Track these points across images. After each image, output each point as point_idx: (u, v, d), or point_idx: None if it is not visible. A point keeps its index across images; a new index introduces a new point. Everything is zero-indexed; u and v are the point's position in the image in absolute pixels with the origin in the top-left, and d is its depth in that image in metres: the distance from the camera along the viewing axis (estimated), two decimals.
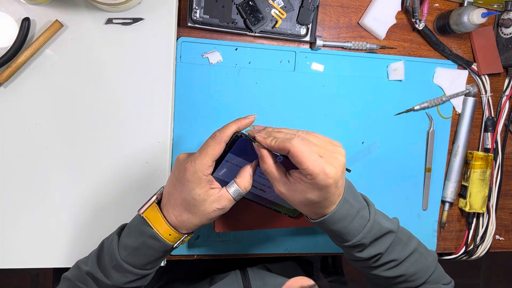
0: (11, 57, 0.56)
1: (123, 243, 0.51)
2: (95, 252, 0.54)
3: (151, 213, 0.49)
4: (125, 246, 0.51)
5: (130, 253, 0.50)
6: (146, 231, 0.49)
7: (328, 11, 0.71)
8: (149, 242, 0.49)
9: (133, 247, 0.50)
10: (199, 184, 0.46)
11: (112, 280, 0.51)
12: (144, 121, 0.63)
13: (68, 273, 0.54)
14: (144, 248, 0.50)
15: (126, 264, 0.50)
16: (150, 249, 0.50)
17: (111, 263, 0.50)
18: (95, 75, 0.61)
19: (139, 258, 0.50)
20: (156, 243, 0.49)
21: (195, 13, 0.64)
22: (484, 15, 0.67)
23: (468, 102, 0.76)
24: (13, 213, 0.61)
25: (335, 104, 0.72)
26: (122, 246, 0.51)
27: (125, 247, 0.50)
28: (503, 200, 0.81)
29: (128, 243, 0.50)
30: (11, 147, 0.60)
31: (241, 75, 0.68)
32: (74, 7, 0.59)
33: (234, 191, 0.48)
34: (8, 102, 0.59)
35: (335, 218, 0.51)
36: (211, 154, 0.46)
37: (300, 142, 0.45)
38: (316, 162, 0.44)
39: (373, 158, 0.74)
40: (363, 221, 0.54)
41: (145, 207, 0.50)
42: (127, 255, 0.50)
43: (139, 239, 0.50)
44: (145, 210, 0.50)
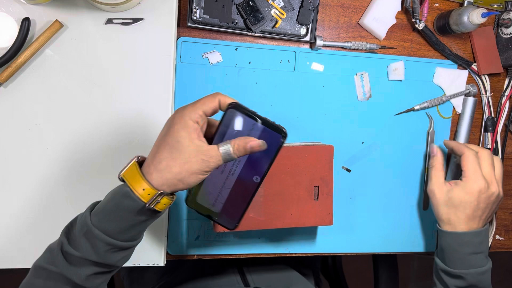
0: (11, 57, 0.56)
1: (96, 209, 0.47)
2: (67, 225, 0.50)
3: (128, 172, 0.46)
4: (97, 212, 0.47)
5: (102, 217, 0.46)
6: (120, 190, 0.46)
7: (328, 11, 0.71)
8: (122, 202, 0.45)
9: (105, 210, 0.46)
10: (185, 127, 0.44)
11: (81, 251, 0.46)
12: (144, 121, 0.63)
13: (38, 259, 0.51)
14: (117, 210, 0.46)
15: (97, 230, 0.46)
16: (123, 211, 0.45)
17: (82, 231, 0.46)
18: (95, 75, 0.61)
19: (111, 222, 0.46)
20: (130, 202, 0.45)
21: (195, 13, 0.64)
22: (484, 15, 0.67)
23: (468, 102, 0.76)
24: (13, 213, 0.61)
25: (335, 104, 0.72)
26: (94, 212, 0.47)
27: (97, 213, 0.47)
28: (503, 200, 0.81)
29: (100, 207, 0.47)
30: (11, 147, 0.60)
31: (241, 75, 0.68)
32: (74, 7, 0.59)
33: (225, 149, 0.45)
34: (8, 102, 0.59)
35: (466, 239, 0.62)
36: (202, 104, 0.45)
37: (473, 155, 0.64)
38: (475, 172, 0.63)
39: (373, 158, 0.74)
40: (482, 262, 0.63)
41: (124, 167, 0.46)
42: (99, 220, 0.46)
43: (111, 201, 0.46)
44: (125, 171, 0.46)
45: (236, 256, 0.71)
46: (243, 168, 0.49)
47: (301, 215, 0.63)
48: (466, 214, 0.62)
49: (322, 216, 0.64)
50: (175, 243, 0.68)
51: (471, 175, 0.64)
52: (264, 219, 0.62)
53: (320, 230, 0.73)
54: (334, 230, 0.73)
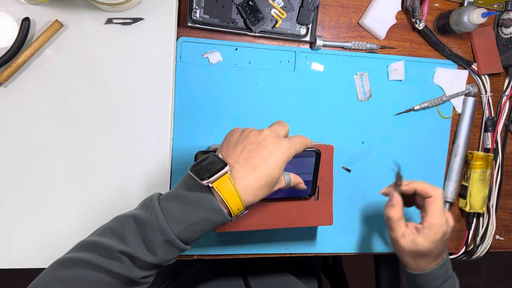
0: (11, 57, 0.56)
1: (174, 216, 0.45)
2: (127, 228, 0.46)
3: (222, 185, 0.44)
4: (177, 219, 0.45)
5: (186, 228, 0.45)
6: (209, 203, 0.44)
7: (328, 11, 0.71)
8: (210, 216, 0.44)
9: (189, 222, 0.44)
10: (281, 168, 0.48)
11: (157, 257, 0.45)
12: (144, 121, 0.63)
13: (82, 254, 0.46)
14: (203, 223, 0.45)
15: (179, 240, 0.45)
16: (209, 224, 0.45)
17: (160, 239, 0.44)
18: (95, 75, 0.61)
19: (193, 233, 0.45)
20: (219, 217, 0.45)
21: (195, 13, 0.64)
22: (484, 15, 0.67)
23: (468, 102, 0.76)
24: (13, 213, 0.61)
25: (335, 104, 0.72)
26: (173, 219, 0.45)
27: (178, 221, 0.45)
28: (503, 200, 0.81)
29: (182, 217, 0.45)
30: (11, 147, 0.60)
31: (241, 75, 0.68)
32: (74, 7, 0.59)
33: (288, 182, 0.53)
34: (8, 102, 0.59)
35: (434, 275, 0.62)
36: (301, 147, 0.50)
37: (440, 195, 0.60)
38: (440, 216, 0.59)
39: (373, 158, 0.74)
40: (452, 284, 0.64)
41: (216, 177, 0.44)
42: (181, 231, 0.45)
43: (198, 212, 0.44)
44: (217, 182, 0.44)
45: (236, 256, 0.71)
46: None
47: (301, 215, 0.63)
48: (433, 257, 0.60)
49: (322, 216, 0.64)
50: None
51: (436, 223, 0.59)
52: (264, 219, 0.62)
53: (320, 230, 0.73)
54: (334, 230, 0.73)
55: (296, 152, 0.49)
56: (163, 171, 0.64)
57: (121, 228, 0.46)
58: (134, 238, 0.45)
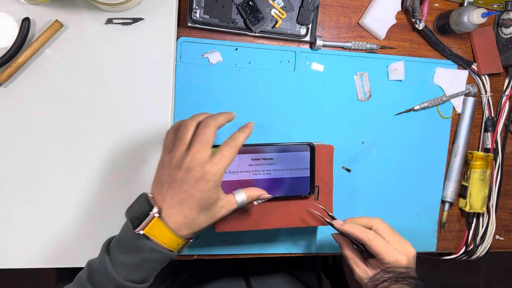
0: (11, 57, 0.56)
1: (119, 261, 0.48)
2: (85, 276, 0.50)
3: (154, 229, 0.47)
4: (122, 264, 0.48)
5: (131, 271, 0.48)
6: (146, 245, 0.47)
7: (328, 11, 0.71)
8: (150, 256, 0.47)
9: (132, 264, 0.47)
10: (216, 187, 0.48)
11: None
12: (144, 121, 0.63)
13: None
14: (146, 263, 0.48)
15: (129, 282, 0.48)
16: (152, 263, 0.48)
17: (111, 285, 0.47)
18: (95, 75, 0.61)
19: (141, 273, 0.48)
20: (159, 255, 0.48)
21: (195, 13, 0.64)
22: (484, 15, 0.67)
23: (468, 102, 0.76)
24: (13, 212, 0.61)
25: (335, 104, 0.72)
26: (118, 265, 0.48)
27: (122, 265, 0.48)
28: (503, 200, 0.81)
29: (125, 261, 0.48)
30: (11, 147, 0.60)
31: (241, 75, 0.68)
32: (74, 7, 0.59)
33: (241, 201, 0.52)
34: (8, 102, 0.59)
35: None
36: (229, 161, 0.48)
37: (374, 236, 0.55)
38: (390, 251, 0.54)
39: (373, 158, 0.74)
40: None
41: (144, 224, 0.47)
42: (127, 274, 0.48)
43: (138, 255, 0.47)
44: (145, 227, 0.47)
45: (236, 256, 0.71)
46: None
47: (301, 215, 0.63)
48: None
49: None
50: None
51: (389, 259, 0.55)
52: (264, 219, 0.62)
53: (320, 230, 0.73)
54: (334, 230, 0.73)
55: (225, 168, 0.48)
56: None
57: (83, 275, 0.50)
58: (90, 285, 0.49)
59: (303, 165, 0.60)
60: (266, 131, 0.69)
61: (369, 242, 0.55)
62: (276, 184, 0.59)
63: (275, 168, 0.58)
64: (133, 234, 0.47)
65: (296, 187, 0.60)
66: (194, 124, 0.49)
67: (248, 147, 0.57)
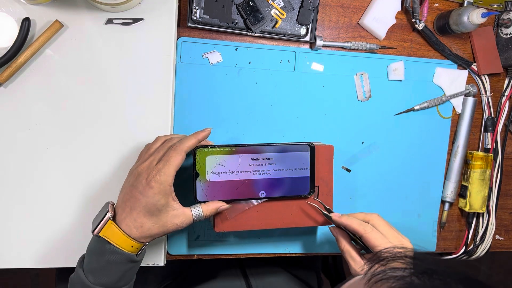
0: (11, 57, 0.56)
1: (88, 267, 0.52)
2: (69, 285, 0.54)
3: (108, 231, 0.51)
4: (90, 270, 0.51)
5: (99, 275, 0.51)
6: (106, 248, 0.50)
7: (328, 11, 0.71)
8: (112, 258, 0.51)
9: (98, 268, 0.51)
10: (162, 192, 0.50)
11: None
12: (144, 121, 0.63)
13: None
14: (109, 265, 0.51)
15: (98, 286, 0.51)
16: (115, 264, 0.51)
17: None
18: (95, 75, 0.61)
19: (108, 276, 0.51)
20: (119, 256, 0.51)
21: (195, 13, 0.64)
22: (484, 15, 0.67)
23: (468, 102, 0.76)
24: (13, 212, 0.61)
25: (335, 104, 0.72)
26: (88, 271, 0.52)
27: (91, 271, 0.51)
28: (503, 200, 0.81)
29: (92, 266, 0.51)
30: (11, 147, 0.60)
31: (241, 75, 0.68)
32: (74, 7, 0.59)
33: (197, 215, 0.54)
34: (8, 102, 0.59)
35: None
36: (173, 164, 0.50)
37: (371, 229, 0.55)
38: (386, 243, 0.54)
39: (372, 158, 0.74)
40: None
41: (100, 227, 0.51)
42: (96, 278, 0.51)
43: (101, 258, 0.51)
44: (101, 230, 0.51)
45: (236, 256, 0.71)
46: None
47: (301, 215, 0.63)
48: None
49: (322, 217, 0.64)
50: (175, 243, 0.68)
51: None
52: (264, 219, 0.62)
53: (320, 230, 0.73)
54: None
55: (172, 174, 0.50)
56: None
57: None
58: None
59: (303, 165, 0.60)
60: (266, 131, 0.69)
61: (366, 234, 0.55)
62: (276, 184, 0.59)
63: (275, 168, 0.59)
64: (95, 239, 0.51)
65: (296, 187, 0.60)
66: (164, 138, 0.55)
67: (248, 147, 0.58)
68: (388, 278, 0.30)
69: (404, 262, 0.53)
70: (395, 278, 0.30)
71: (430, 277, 0.30)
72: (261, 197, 0.58)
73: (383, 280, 0.30)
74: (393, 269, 0.33)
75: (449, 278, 0.30)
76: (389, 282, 0.29)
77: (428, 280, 0.30)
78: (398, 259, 0.53)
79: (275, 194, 0.59)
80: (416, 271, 0.31)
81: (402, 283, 0.29)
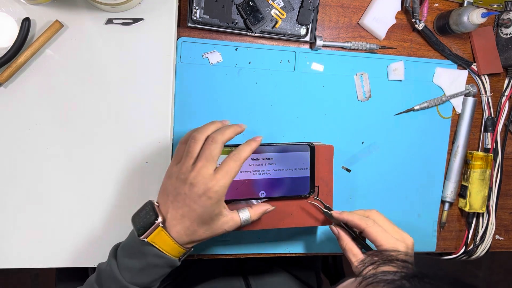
0: (11, 57, 0.56)
1: (124, 265, 0.51)
2: (94, 278, 0.53)
3: (157, 237, 0.49)
4: (127, 268, 0.50)
5: (135, 275, 0.50)
6: (149, 251, 0.50)
7: (328, 11, 0.71)
8: (154, 261, 0.50)
9: (137, 268, 0.50)
10: (219, 202, 0.49)
11: None
12: (144, 121, 0.63)
13: None
14: (149, 268, 0.50)
15: (133, 285, 0.50)
16: (155, 268, 0.51)
17: (116, 287, 0.50)
18: (95, 75, 0.61)
19: (145, 277, 0.51)
20: (162, 261, 0.50)
21: (195, 13, 0.64)
22: (484, 15, 0.67)
23: (468, 102, 0.76)
24: (13, 213, 0.61)
25: (335, 104, 0.72)
26: (123, 268, 0.51)
27: (127, 269, 0.50)
28: (503, 200, 0.81)
29: (130, 265, 0.50)
30: (11, 147, 0.60)
31: (241, 75, 0.68)
32: (74, 7, 0.59)
33: (245, 220, 0.53)
34: (8, 102, 0.59)
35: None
36: (233, 176, 0.49)
37: (373, 223, 0.56)
38: (388, 239, 0.55)
39: (372, 158, 0.74)
40: None
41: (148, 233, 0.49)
42: (132, 277, 0.50)
43: (142, 260, 0.50)
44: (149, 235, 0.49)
45: (236, 256, 0.71)
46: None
47: (301, 215, 0.63)
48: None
49: (322, 216, 0.64)
50: None
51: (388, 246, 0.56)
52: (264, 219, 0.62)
53: (320, 230, 0.73)
54: None
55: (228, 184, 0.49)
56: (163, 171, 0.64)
57: (92, 278, 0.54)
58: (98, 286, 0.52)
59: (303, 165, 0.60)
60: (266, 131, 0.69)
61: (367, 228, 0.55)
62: (276, 184, 0.59)
63: (275, 168, 0.59)
64: (138, 240, 0.50)
65: (296, 187, 0.60)
66: (202, 138, 0.50)
67: None
68: (379, 282, 0.30)
69: (395, 266, 0.53)
70: (386, 282, 0.30)
71: (421, 280, 0.30)
72: (261, 197, 0.58)
73: (374, 283, 0.30)
74: (384, 272, 0.33)
75: (440, 281, 0.30)
76: (380, 286, 0.29)
77: (418, 283, 0.30)
78: (390, 263, 0.53)
79: (275, 194, 0.59)
80: (407, 274, 0.31)
81: (392, 286, 0.29)
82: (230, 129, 0.51)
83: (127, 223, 0.63)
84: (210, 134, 0.50)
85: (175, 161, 0.52)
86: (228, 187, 0.49)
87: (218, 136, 0.50)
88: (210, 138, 0.50)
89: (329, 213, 0.61)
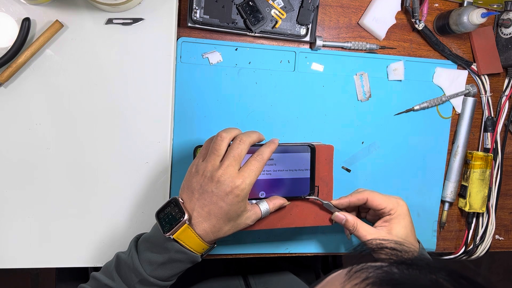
0: (11, 57, 0.56)
1: (146, 258, 0.51)
2: (113, 266, 0.54)
3: (183, 234, 0.50)
4: (149, 261, 0.51)
5: (156, 268, 0.51)
6: (172, 246, 0.50)
7: (328, 11, 0.71)
8: (176, 256, 0.51)
9: (158, 262, 0.51)
10: (244, 200, 0.51)
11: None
12: (144, 121, 0.63)
13: (86, 285, 0.54)
14: (171, 262, 0.51)
15: (153, 278, 0.51)
16: (177, 262, 0.51)
17: (136, 278, 0.51)
18: (95, 75, 0.61)
19: (165, 271, 0.52)
20: (185, 256, 0.51)
21: (195, 13, 0.64)
22: (484, 15, 0.67)
23: (468, 102, 0.76)
24: (13, 213, 0.61)
25: (335, 104, 0.72)
26: (145, 261, 0.51)
27: (149, 262, 0.51)
28: (503, 200, 0.81)
29: (152, 258, 0.51)
30: (11, 147, 0.60)
31: (241, 75, 0.68)
32: (74, 7, 0.59)
33: (265, 212, 0.55)
34: (8, 102, 0.59)
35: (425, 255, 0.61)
36: (257, 175, 0.52)
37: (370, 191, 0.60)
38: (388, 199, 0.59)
39: (372, 158, 0.74)
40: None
41: (174, 230, 0.50)
42: (152, 270, 0.51)
43: (164, 254, 0.51)
44: (175, 232, 0.50)
45: (236, 256, 0.71)
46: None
47: (301, 215, 0.63)
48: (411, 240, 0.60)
49: (322, 216, 0.64)
50: None
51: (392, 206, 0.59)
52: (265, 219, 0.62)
53: (320, 230, 0.73)
54: (334, 230, 0.73)
55: (253, 182, 0.51)
56: (163, 171, 0.64)
57: (111, 266, 0.54)
58: (117, 276, 0.52)
59: (303, 166, 0.60)
60: (266, 131, 0.69)
61: (370, 195, 0.59)
62: (276, 185, 0.59)
63: (275, 169, 0.59)
64: (163, 236, 0.50)
65: (296, 188, 0.60)
66: (229, 138, 0.52)
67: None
68: (367, 268, 0.31)
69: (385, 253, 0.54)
70: (374, 268, 0.30)
71: (409, 266, 0.30)
72: (261, 198, 0.58)
73: (363, 270, 0.31)
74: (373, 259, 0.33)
75: (428, 267, 0.30)
76: (368, 272, 0.30)
77: (406, 269, 0.30)
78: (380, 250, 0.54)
79: (275, 194, 0.59)
80: (395, 261, 0.32)
81: (379, 272, 0.30)
82: (256, 134, 0.54)
83: (127, 223, 0.63)
84: (238, 135, 0.52)
85: (201, 158, 0.53)
86: (252, 185, 0.51)
87: (246, 137, 0.52)
88: (238, 138, 0.52)
89: (329, 204, 0.62)
